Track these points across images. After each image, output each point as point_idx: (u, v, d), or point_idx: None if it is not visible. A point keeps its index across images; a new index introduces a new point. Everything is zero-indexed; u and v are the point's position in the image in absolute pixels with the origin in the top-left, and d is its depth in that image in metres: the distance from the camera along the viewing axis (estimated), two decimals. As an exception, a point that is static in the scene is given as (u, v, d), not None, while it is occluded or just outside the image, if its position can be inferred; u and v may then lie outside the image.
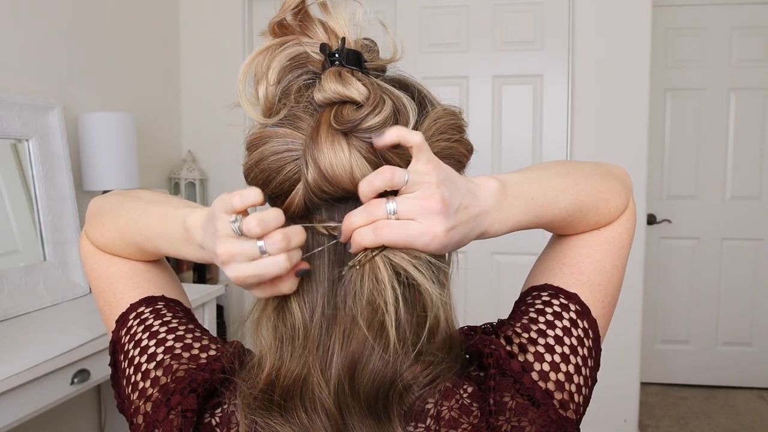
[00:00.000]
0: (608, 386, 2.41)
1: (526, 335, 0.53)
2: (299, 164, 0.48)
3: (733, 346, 3.13)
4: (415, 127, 0.49)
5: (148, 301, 0.60)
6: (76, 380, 1.36)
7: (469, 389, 0.50)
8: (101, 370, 1.45)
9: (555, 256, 0.60)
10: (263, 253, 0.44)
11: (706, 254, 3.11)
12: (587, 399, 0.53)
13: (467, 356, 0.53)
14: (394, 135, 0.44)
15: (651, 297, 3.10)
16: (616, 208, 0.59)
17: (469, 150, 0.53)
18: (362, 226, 0.45)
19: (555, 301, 0.55)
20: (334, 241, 0.49)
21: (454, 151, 0.51)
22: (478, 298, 2.54)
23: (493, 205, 0.48)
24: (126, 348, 0.57)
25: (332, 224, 0.49)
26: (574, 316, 0.54)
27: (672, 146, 3.09)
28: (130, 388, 0.55)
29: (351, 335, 0.47)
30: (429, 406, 0.49)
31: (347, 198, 0.48)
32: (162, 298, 0.61)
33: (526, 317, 0.55)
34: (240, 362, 0.53)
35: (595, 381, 0.55)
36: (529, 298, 0.57)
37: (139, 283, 0.63)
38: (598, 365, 0.56)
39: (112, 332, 0.60)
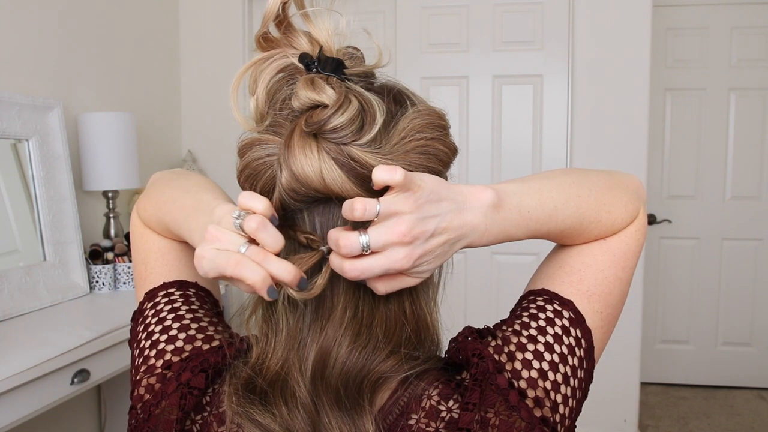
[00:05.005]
0: (608, 386, 2.41)
1: (515, 339, 0.52)
2: (276, 168, 0.49)
3: (733, 346, 3.13)
4: (388, 126, 0.50)
5: (181, 284, 0.62)
6: (76, 380, 1.36)
7: (455, 406, 0.49)
8: (101, 370, 1.45)
9: (557, 262, 0.60)
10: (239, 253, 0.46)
11: (706, 254, 3.11)
12: (574, 411, 0.52)
13: (459, 359, 0.53)
14: (377, 178, 0.44)
15: (651, 297, 3.10)
16: (622, 220, 0.58)
17: (452, 149, 0.53)
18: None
19: (549, 307, 0.55)
20: (321, 253, 0.51)
21: (431, 148, 0.51)
22: (478, 298, 2.54)
23: (481, 220, 0.48)
24: (148, 321, 0.59)
25: (312, 236, 0.51)
26: (566, 323, 0.53)
27: (672, 146, 3.09)
28: (141, 359, 0.57)
29: (325, 331, 0.50)
30: (411, 422, 0.49)
31: (323, 199, 0.49)
32: (195, 284, 0.63)
33: (519, 321, 0.54)
34: (237, 351, 0.55)
35: (585, 394, 0.54)
36: (525, 302, 0.57)
37: (170, 261, 0.64)
38: (591, 378, 0.55)
39: (139, 302, 0.63)
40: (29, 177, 1.72)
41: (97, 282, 1.86)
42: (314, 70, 0.49)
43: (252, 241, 0.46)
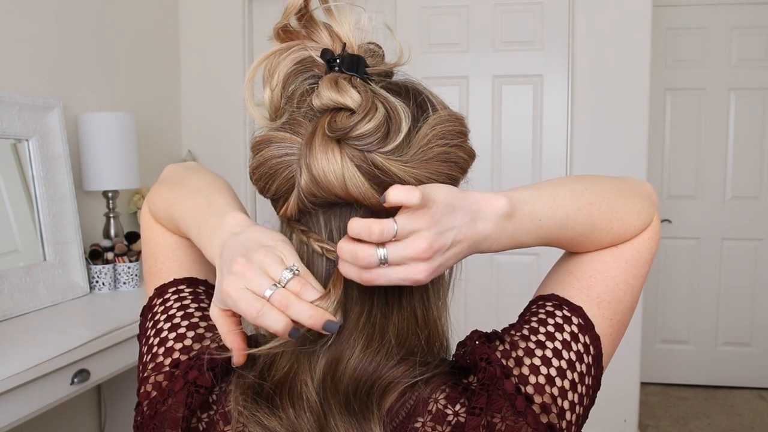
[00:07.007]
0: (608, 386, 2.40)
1: (523, 344, 0.52)
2: (295, 169, 0.48)
3: (733, 346, 3.13)
4: (410, 132, 0.49)
5: (190, 281, 0.62)
6: (76, 380, 1.36)
7: (461, 410, 0.49)
8: (101, 370, 1.45)
9: (567, 268, 0.59)
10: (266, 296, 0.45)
11: (706, 254, 3.11)
12: (580, 418, 0.52)
13: (467, 363, 0.53)
14: (393, 199, 0.42)
15: (651, 297, 3.10)
16: (635, 227, 0.57)
17: (470, 155, 0.53)
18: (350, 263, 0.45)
19: (558, 312, 0.54)
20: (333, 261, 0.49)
21: (452, 155, 0.50)
22: (478, 298, 2.54)
23: (492, 229, 0.48)
24: (157, 318, 0.59)
25: (328, 246, 0.50)
26: (575, 329, 0.53)
27: (672, 146, 3.09)
28: (149, 356, 0.56)
29: (339, 335, 0.49)
30: (417, 425, 0.49)
31: (341, 203, 0.49)
32: (205, 282, 0.63)
33: (527, 326, 0.54)
34: None
35: (592, 401, 0.53)
36: (534, 306, 0.57)
37: (179, 257, 0.64)
38: (599, 385, 0.54)
39: (149, 297, 0.62)
40: (29, 177, 1.72)
41: (97, 282, 1.86)
42: (336, 68, 0.48)
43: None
